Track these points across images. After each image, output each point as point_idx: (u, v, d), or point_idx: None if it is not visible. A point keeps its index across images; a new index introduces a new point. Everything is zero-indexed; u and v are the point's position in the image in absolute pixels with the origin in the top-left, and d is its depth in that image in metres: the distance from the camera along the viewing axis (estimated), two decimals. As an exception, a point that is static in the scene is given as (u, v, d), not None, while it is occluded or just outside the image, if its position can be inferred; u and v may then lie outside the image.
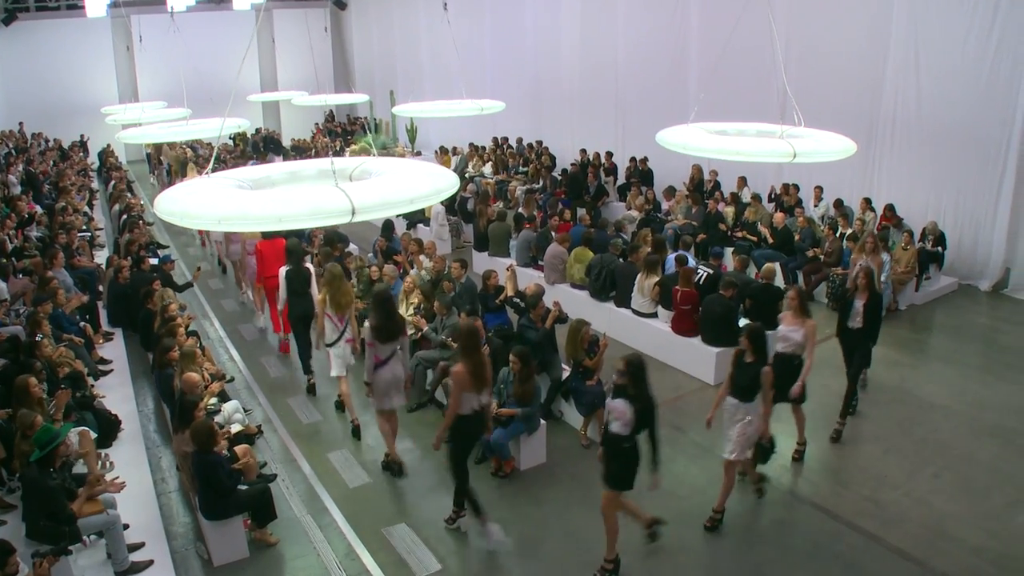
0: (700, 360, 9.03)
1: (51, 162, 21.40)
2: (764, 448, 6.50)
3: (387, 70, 29.09)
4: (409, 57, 26.84)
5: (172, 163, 21.05)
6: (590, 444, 7.58)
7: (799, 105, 7.33)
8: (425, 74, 25.80)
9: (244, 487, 6.17)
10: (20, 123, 24.84)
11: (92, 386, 8.60)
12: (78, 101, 26.09)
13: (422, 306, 9.08)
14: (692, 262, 10.23)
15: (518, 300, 8.94)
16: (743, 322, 9.14)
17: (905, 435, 7.57)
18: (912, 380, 8.76)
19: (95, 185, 21.46)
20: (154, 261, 11.28)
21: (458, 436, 6.11)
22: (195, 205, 4.73)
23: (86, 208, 16.21)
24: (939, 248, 11.37)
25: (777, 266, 11.76)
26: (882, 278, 10.29)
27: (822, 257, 11.43)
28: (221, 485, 5.88)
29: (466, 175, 20.27)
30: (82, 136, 25.58)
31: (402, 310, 9.33)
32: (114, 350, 9.90)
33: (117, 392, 8.72)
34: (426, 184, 5.03)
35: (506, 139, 21.89)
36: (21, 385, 6.46)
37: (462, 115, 13.35)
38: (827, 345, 9.69)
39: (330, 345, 7.91)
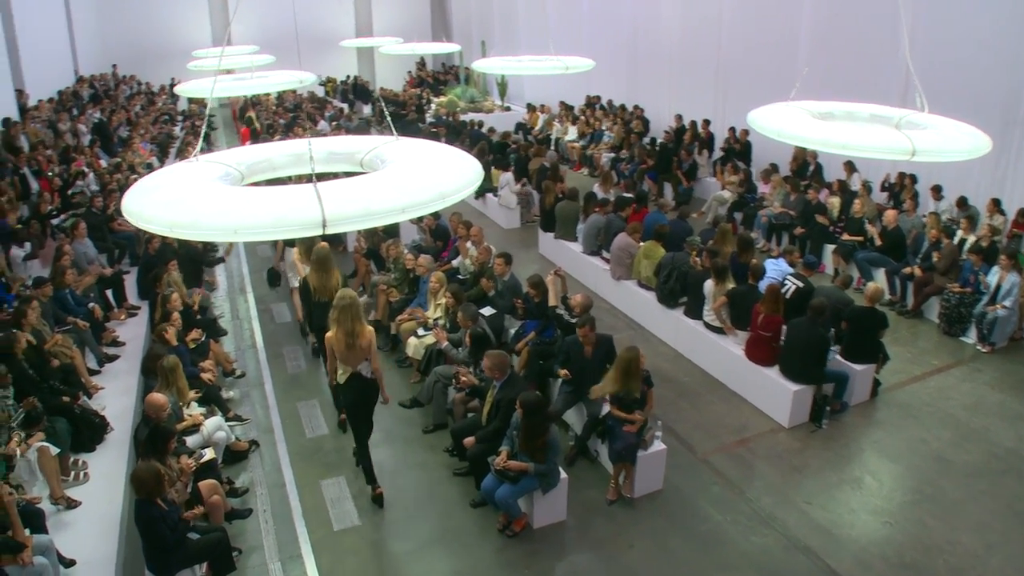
0: (775, 396, 7.58)
1: (138, 107, 21.16)
2: None
3: (484, 19, 27.77)
4: (506, 5, 25.41)
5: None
6: (617, 499, 6.36)
7: (924, 84, 5.76)
8: (521, 25, 24.39)
9: (196, 536, 5.30)
10: (113, 66, 24.80)
11: (97, 372, 8.01)
12: (171, 44, 25.90)
13: (451, 310, 7.90)
14: (775, 272, 8.72)
15: (562, 311, 7.71)
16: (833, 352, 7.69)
17: (1016, 521, 6.00)
18: (1035, 444, 7.08)
19: (178, 131, 21.12)
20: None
21: None
22: (152, 205, 3.82)
23: (154, 159, 15.72)
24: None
25: (883, 274, 10.16)
26: (1007, 303, 8.58)
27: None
28: (163, 541, 5.01)
29: (550, 139, 18.94)
30: (172, 79, 25.29)
31: (429, 312, 8.27)
32: (134, 328, 9.25)
33: (120, 381, 8.01)
34: (429, 188, 3.86)
35: (598, 98, 20.38)
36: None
37: (545, 74, 12.21)
38: (931, 384, 8.17)
39: None
